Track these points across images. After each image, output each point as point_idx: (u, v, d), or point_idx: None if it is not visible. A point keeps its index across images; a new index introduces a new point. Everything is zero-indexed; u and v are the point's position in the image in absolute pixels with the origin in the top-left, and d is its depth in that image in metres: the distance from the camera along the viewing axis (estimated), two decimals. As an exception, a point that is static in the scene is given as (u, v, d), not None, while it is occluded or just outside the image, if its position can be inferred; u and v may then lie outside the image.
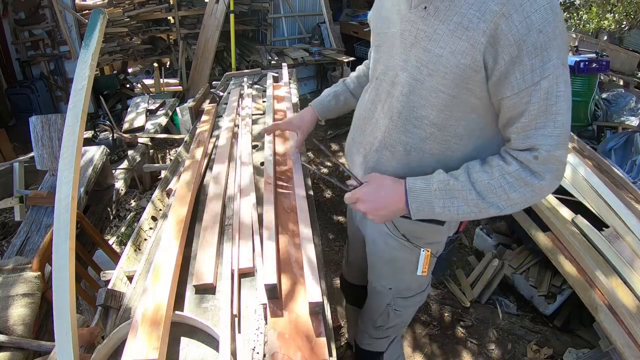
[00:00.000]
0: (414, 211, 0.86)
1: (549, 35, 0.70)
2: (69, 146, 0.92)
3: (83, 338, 0.91)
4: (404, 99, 0.88)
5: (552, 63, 0.71)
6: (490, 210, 0.82)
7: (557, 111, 0.74)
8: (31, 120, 2.09)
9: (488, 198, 0.81)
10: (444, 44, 0.78)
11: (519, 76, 0.73)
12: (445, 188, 0.83)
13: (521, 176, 0.79)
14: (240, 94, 2.19)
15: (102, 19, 1.01)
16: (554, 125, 0.75)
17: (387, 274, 1.14)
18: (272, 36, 5.62)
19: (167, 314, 0.84)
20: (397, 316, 1.21)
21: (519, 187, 0.79)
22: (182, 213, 1.15)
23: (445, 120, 0.85)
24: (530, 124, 0.76)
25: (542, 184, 0.79)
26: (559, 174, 0.79)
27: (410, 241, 1.03)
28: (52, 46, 4.64)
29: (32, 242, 1.86)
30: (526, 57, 0.71)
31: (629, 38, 6.91)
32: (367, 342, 1.36)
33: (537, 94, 0.73)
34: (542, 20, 0.69)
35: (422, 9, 0.81)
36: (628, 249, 1.89)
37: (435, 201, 0.83)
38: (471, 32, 0.74)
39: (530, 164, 0.78)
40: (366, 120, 1.01)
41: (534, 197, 0.80)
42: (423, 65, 0.82)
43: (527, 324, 2.12)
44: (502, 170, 0.80)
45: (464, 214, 0.83)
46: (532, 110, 0.75)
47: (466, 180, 0.82)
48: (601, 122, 4.18)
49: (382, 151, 0.95)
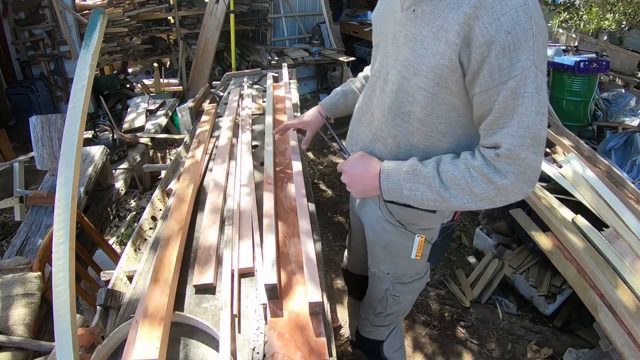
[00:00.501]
0: (385, 191, 0.93)
1: (518, 37, 0.72)
2: (69, 146, 0.92)
3: (83, 338, 0.91)
4: (394, 95, 0.94)
5: (521, 64, 0.73)
6: (454, 202, 0.85)
7: (523, 112, 0.76)
8: (31, 120, 2.09)
9: (451, 189, 0.85)
10: (427, 45, 0.83)
11: (487, 75, 0.77)
12: (413, 172, 0.89)
13: (484, 172, 0.82)
14: (240, 94, 2.19)
15: (102, 19, 1.01)
16: (519, 125, 0.77)
17: (385, 258, 1.18)
18: (272, 36, 5.62)
19: (167, 314, 0.84)
20: (395, 302, 1.24)
21: (482, 183, 0.82)
22: (182, 213, 1.15)
23: (427, 117, 0.90)
24: (496, 122, 0.79)
25: (504, 183, 0.80)
26: (527, 177, 0.80)
27: (405, 227, 1.08)
28: (52, 46, 4.64)
29: (32, 242, 1.86)
30: (494, 57, 0.74)
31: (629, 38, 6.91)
32: (367, 330, 1.38)
33: (503, 92, 0.76)
34: (511, 22, 0.72)
35: (412, 11, 0.87)
36: (628, 249, 1.89)
37: (403, 183, 0.90)
38: (448, 34, 0.79)
39: (494, 162, 0.81)
40: (363, 114, 1.08)
41: (498, 196, 0.82)
42: (410, 65, 0.88)
43: (527, 324, 2.12)
44: (468, 164, 0.84)
45: (429, 201, 0.88)
46: (499, 109, 0.78)
47: (433, 168, 0.87)
48: (601, 122, 4.18)
49: (376, 143, 1.02)
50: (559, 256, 1.90)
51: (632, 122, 4.05)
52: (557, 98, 4.30)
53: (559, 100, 4.28)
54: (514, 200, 0.84)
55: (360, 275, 1.49)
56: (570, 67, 4.06)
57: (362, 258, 1.42)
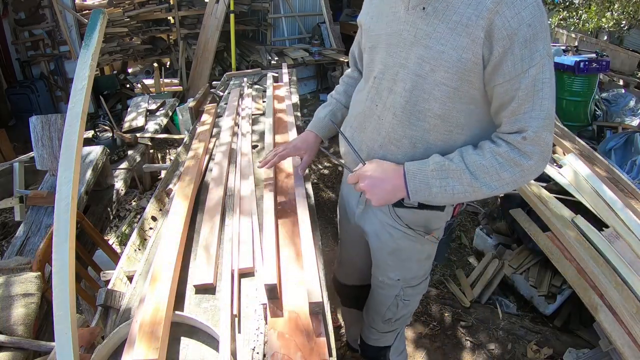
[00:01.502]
0: (412, 191, 0.92)
1: (536, 29, 0.79)
2: (69, 146, 0.92)
3: (83, 338, 0.91)
4: (407, 94, 0.93)
5: (539, 53, 0.80)
6: (483, 189, 0.89)
7: (543, 96, 0.82)
8: (31, 120, 2.08)
9: (481, 178, 0.88)
10: (445, 41, 0.84)
11: (510, 65, 0.81)
12: (440, 169, 0.90)
13: (510, 156, 0.86)
14: (240, 94, 2.19)
15: (102, 19, 1.01)
16: (541, 108, 0.83)
17: (394, 265, 1.17)
18: (272, 36, 5.62)
19: (167, 314, 0.84)
20: (405, 306, 1.24)
21: (509, 167, 0.87)
22: (182, 213, 1.15)
23: (448, 112, 0.91)
24: (519, 108, 0.84)
25: (530, 164, 0.86)
26: (545, 156, 0.87)
27: (414, 229, 1.08)
28: (52, 46, 4.64)
29: (32, 242, 1.86)
30: (517, 48, 0.79)
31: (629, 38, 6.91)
32: (375, 338, 1.37)
33: (525, 80, 0.81)
34: (531, 16, 0.78)
35: (421, 9, 0.87)
36: (628, 249, 1.88)
37: (432, 181, 0.90)
38: (471, 29, 0.81)
39: (519, 145, 0.85)
40: (366, 118, 1.04)
41: (523, 177, 0.88)
42: (425, 62, 0.88)
43: (527, 324, 2.12)
44: (493, 152, 0.88)
45: (459, 194, 0.90)
46: (521, 96, 0.82)
47: (460, 161, 0.89)
48: (601, 122, 4.18)
49: (387, 146, 0.99)
50: (559, 256, 1.90)
51: (632, 122, 4.05)
52: (557, 98, 4.24)
53: (559, 100, 4.26)
54: (533, 178, 0.90)
55: (355, 285, 1.48)
56: (570, 67, 4.07)
57: (359, 267, 1.41)
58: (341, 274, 1.53)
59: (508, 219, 2.36)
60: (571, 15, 5.91)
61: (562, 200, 2.17)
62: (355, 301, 1.52)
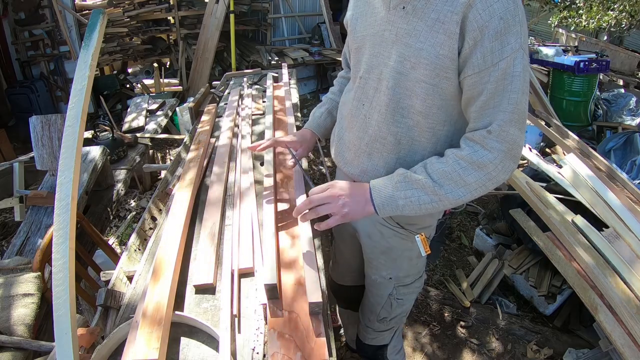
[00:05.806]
0: (379, 206, 0.92)
1: (508, 22, 0.78)
2: (69, 146, 0.92)
3: (83, 338, 0.91)
4: (390, 92, 0.94)
5: (511, 46, 0.79)
6: (450, 198, 0.88)
7: (512, 89, 0.81)
8: (31, 120, 2.09)
9: (445, 185, 0.87)
10: (424, 38, 0.85)
11: (480, 57, 0.81)
12: (404, 180, 0.90)
13: (473, 159, 0.85)
14: (240, 94, 2.19)
15: (102, 19, 1.01)
16: (508, 102, 0.82)
17: (386, 264, 1.17)
18: (272, 36, 5.62)
19: (167, 314, 0.84)
20: (399, 305, 1.24)
21: (473, 171, 0.86)
22: (182, 213, 1.15)
23: (428, 109, 0.92)
24: (488, 102, 0.83)
25: (495, 163, 0.84)
26: (512, 154, 0.85)
27: (405, 228, 1.08)
28: (52, 46, 4.64)
29: (32, 242, 1.86)
30: (487, 40, 0.79)
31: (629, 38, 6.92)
32: (371, 337, 1.37)
33: (495, 73, 0.81)
34: (503, 9, 0.78)
35: (401, 9, 0.89)
36: (628, 249, 1.88)
37: (397, 193, 0.90)
38: (447, 25, 0.82)
39: (483, 141, 0.84)
40: (353, 118, 1.05)
41: (490, 179, 0.86)
42: (406, 60, 0.89)
43: (527, 324, 2.12)
44: (455, 156, 0.88)
45: (426, 204, 0.89)
46: (490, 89, 0.82)
47: (422, 171, 0.90)
48: (601, 122, 4.18)
49: (373, 144, 1.01)
50: (559, 256, 1.90)
51: (632, 122, 4.05)
52: (557, 98, 4.30)
53: (559, 100, 4.28)
54: (504, 179, 0.88)
55: (350, 286, 1.48)
56: (570, 67, 4.07)
57: (352, 267, 1.41)
58: (335, 274, 1.54)
59: (508, 219, 2.36)
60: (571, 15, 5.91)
61: (562, 200, 2.17)
62: (351, 302, 1.52)
